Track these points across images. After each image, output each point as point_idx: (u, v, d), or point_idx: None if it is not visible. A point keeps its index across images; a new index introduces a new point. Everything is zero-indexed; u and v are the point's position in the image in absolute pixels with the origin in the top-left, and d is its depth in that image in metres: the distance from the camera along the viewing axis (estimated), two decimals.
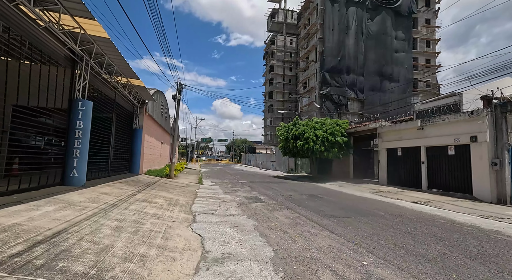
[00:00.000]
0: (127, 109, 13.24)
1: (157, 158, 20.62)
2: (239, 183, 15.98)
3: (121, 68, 9.56)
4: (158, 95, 19.05)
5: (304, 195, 11.38)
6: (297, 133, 19.89)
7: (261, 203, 9.14)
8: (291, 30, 59.63)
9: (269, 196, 10.93)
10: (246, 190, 12.87)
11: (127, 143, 13.42)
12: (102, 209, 5.38)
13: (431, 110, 15.14)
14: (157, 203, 7.22)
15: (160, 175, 16.04)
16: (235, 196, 10.69)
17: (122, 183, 9.65)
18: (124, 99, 12.47)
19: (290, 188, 14.22)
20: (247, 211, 7.61)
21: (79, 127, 7.14)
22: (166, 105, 23.52)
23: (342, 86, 34.04)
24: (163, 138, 23.08)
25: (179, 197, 8.94)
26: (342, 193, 12.57)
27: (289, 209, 8.10)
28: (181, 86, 16.37)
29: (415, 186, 14.17)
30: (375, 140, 17.28)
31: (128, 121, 13.70)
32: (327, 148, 18.75)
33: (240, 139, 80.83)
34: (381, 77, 34.95)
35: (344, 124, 19.93)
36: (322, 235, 5.39)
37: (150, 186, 10.24)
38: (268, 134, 57.41)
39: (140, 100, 14.24)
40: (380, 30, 35.10)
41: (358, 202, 9.84)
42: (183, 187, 12.04)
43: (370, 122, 18.27)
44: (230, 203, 8.86)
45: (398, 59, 35.28)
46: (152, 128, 17.74)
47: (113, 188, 8.05)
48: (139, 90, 12.40)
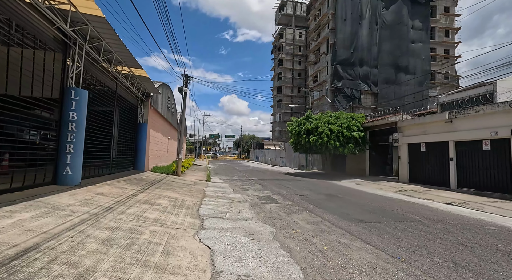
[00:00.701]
0: (130, 102, 12.46)
1: (163, 154, 19.93)
2: (249, 181, 15.10)
3: (122, 56, 8.72)
4: (164, 88, 18.26)
5: (322, 195, 10.40)
6: (309, 128, 18.82)
7: (275, 204, 8.22)
8: (300, 23, 57.97)
9: (284, 195, 10.00)
10: (257, 188, 11.97)
11: (131, 138, 12.68)
12: (93, 214, 4.55)
13: (460, 102, 13.81)
14: (160, 205, 6.37)
15: (167, 172, 15.31)
16: (247, 195, 9.81)
17: (124, 181, 8.87)
18: (126, 91, 11.68)
19: (304, 186, 13.25)
20: (262, 214, 6.70)
21: (72, 119, 6.34)
22: (173, 99, 22.76)
23: (355, 79, 32.57)
24: (170, 133, 22.38)
25: (185, 197, 8.10)
26: (362, 192, 11.52)
27: (309, 212, 7.15)
28: (187, 78, 15.51)
29: (442, 185, 12.97)
30: (395, 135, 16.06)
31: (132, 115, 12.94)
32: (342, 143, 17.63)
33: (248, 135, 79.93)
34: (396, 69, 33.28)
35: (360, 118, 18.73)
36: (356, 246, 4.42)
37: (154, 185, 9.44)
38: (276, 129, 56.29)
39: (145, 93, 13.44)
40: (395, 19, 33.32)
41: (384, 203, 8.80)
42: (190, 186, 11.23)
43: (390, 115, 17.02)
44: (241, 204, 7.97)
45: (414, 50, 33.48)
46: (158, 123, 16.99)
47: (113, 188, 7.26)
48: (142, 81, 11.58)
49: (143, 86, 12.38)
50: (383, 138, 18.14)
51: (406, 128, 15.62)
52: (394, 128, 16.62)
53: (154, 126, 15.95)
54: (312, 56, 45.41)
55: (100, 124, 9.00)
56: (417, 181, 14.58)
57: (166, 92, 19.03)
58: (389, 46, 33.08)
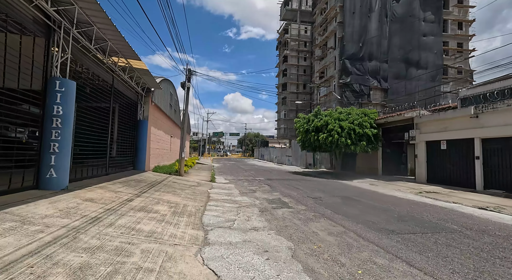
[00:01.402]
0: (129, 98, 11.66)
1: (166, 153, 19.17)
2: (256, 181, 14.24)
3: (117, 45, 7.88)
4: (166, 84, 17.45)
5: (336, 198, 9.48)
6: (319, 125, 17.85)
7: (288, 209, 7.35)
8: (305, 18, 56.69)
9: (295, 198, 9.11)
10: (265, 189, 11.11)
11: (130, 136, 11.89)
12: (73, 228, 3.72)
13: (488, 95, 12.71)
14: (158, 212, 5.54)
15: (169, 171, 14.52)
16: (255, 198, 8.94)
17: (121, 183, 8.07)
18: (125, 85, 10.87)
19: (315, 187, 12.34)
20: (274, 222, 5.83)
21: (57, 114, 5.52)
22: (175, 96, 21.95)
23: (363, 74, 31.40)
24: (172, 131, 21.61)
25: (187, 202, 7.26)
26: (380, 194, 10.58)
27: (327, 219, 6.26)
28: (190, 73, 14.65)
29: (466, 186, 11.94)
30: (412, 132, 15.02)
31: (131, 112, 12.14)
32: (354, 141, 16.64)
33: (253, 133, 79.05)
34: (406, 64, 31.99)
35: (373, 114, 17.70)
36: (399, 270, 3.53)
37: (154, 187, 8.62)
38: (282, 127, 55.29)
39: (145, 88, 12.62)
40: (406, 12, 31.97)
41: (409, 208, 7.85)
42: (193, 187, 10.40)
43: (406, 111, 15.95)
44: (250, 209, 7.11)
45: (426, 43, 32.12)
46: (160, 120, 16.19)
47: (106, 192, 6.44)
48: (141, 75, 10.75)
49: (142, 80, 11.56)
50: (398, 135, 17.09)
51: (424, 124, 14.57)
52: (410, 125, 15.57)
53: (156, 123, 15.16)
54: (318, 51, 44.20)
55: (95, 121, 8.21)
56: (436, 181, 13.56)
57: (168, 88, 18.22)
58: (399, 40, 31.78)
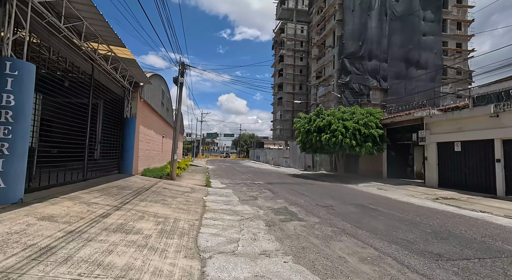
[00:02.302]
0: (114, 92, 10.33)
1: (157, 155, 17.80)
2: (255, 185, 13.04)
3: (95, 26, 6.59)
4: (158, 80, 16.12)
5: (350, 206, 8.37)
6: (321, 125, 16.78)
7: (299, 222, 6.19)
8: (301, 18, 55.92)
9: (303, 207, 7.96)
10: (267, 196, 9.92)
11: (115, 136, 10.56)
12: None
13: (504, 93, 11.82)
14: (140, 232, 4.29)
15: (160, 175, 13.20)
16: (257, 207, 7.75)
17: (99, 192, 6.76)
18: (107, 77, 9.54)
19: (321, 192, 11.22)
20: (288, 242, 4.66)
21: (7, 105, 4.25)
22: (168, 94, 20.60)
23: (363, 73, 30.57)
24: (165, 131, 20.24)
25: (179, 214, 6.02)
26: (395, 201, 9.51)
27: (351, 237, 5.12)
28: (183, 66, 13.38)
29: (485, 191, 11.00)
30: (421, 132, 14.07)
31: (117, 108, 10.81)
32: (359, 142, 15.62)
33: (247, 134, 77.79)
34: (406, 63, 31.32)
35: (378, 114, 16.73)
36: None
37: (140, 195, 7.34)
38: (277, 128, 54.22)
39: (132, 82, 11.30)
40: (406, 10, 31.33)
41: (438, 220, 6.78)
42: (187, 194, 9.14)
43: (415, 110, 15.01)
44: (255, 223, 5.92)
45: (426, 43, 31.53)
46: (150, 119, 14.85)
47: (75, 204, 5.16)
48: (128, 66, 9.45)
49: (129, 73, 10.24)
50: (405, 136, 16.15)
51: (434, 124, 13.63)
52: (418, 125, 14.63)
53: (145, 122, 13.82)
54: (315, 50, 43.36)
55: (69, 117, 6.90)
56: (449, 186, 12.61)
57: (160, 84, 16.90)
58: (399, 38, 31.10)
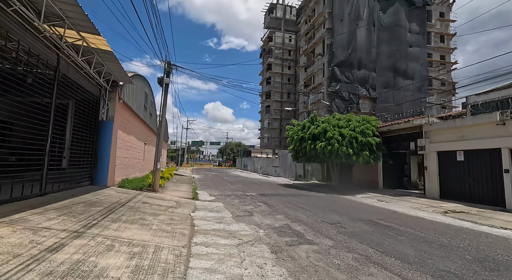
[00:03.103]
0: (86, 90, 8.92)
1: (138, 163, 16.20)
2: (248, 197, 11.82)
3: (59, 3, 5.33)
4: (140, 81, 14.75)
5: (359, 222, 7.36)
6: (316, 132, 15.95)
7: (310, 246, 5.08)
8: (289, 27, 56.33)
9: (308, 224, 6.86)
10: (263, 210, 8.75)
11: (87, 141, 9.08)
12: None
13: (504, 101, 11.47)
14: (104, 275, 3.00)
15: (140, 186, 11.71)
16: (256, 226, 6.57)
17: (56, 211, 5.33)
18: (78, 72, 8.17)
19: (321, 205, 10.19)
20: (304, 278, 3.52)
21: None
22: (151, 97, 19.17)
23: (352, 82, 30.49)
24: (147, 137, 18.67)
25: (162, 239, 4.73)
26: (403, 215, 8.62)
27: (381, 268, 4.05)
28: (169, 66, 12.17)
29: (492, 203, 10.39)
30: (420, 141, 13.51)
31: (90, 109, 9.38)
32: (356, 150, 14.87)
33: (234, 142, 76.38)
34: (394, 73, 31.65)
35: (375, 121, 16.14)
36: None
37: (112, 213, 5.95)
38: (265, 136, 53.36)
39: (110, 80, 9.93)
40: (393, 21, 31.89)
41: (467, 241, 5.89)
42: (171, 209, 7.79)
43: (414, 117, 14.51)
44: (257, 249, 4.74)
45: (413, 54, 32.11)
46: (130, 123, 13.39)
47: (14, 232, 3.78)
48: (104, 60, 8.15)
49: (106, 68, 8.91)
50: (401, 145, 15.60)
51: (434, 132, 13.12)
52: (417, 133, 14.11)
53: (125, 127, 12.36)
54: (303, 59, 43.37)
55: (24, 119, 5.50)
56: (452, 197, 11.98)
57: (143, 86, 15.52)
58: (387, 48, 31.48)
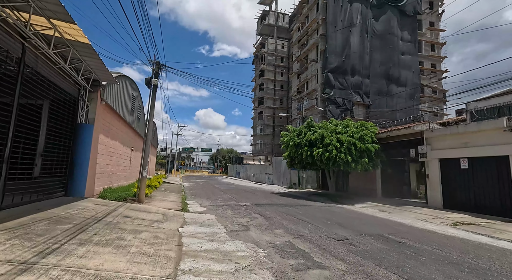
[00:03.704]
0: (61, 89, 7.94)
1: (123, 171, 15.05)
2: (242, 208, 10.90)
3: None
4: (127, 82, 13.79)
5: (369, 237, 6.59)
6: (313, 138, 15.27)
7: (320, 271, 4.27)
8: (282, 34, 56.53)
9: (313, 241, 6.03)
10: (260, 223, 7.87)
11: (61, 146, 8.04)
12: None
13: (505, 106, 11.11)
14: None
15: (124, 196, 10.63)
16: (254, 244, 5.69)
17: (8, 231, 4.33)
18: (52, 68, 7.22)
19: (322, 216, 9.39)
20: None
21: None
22: (140, 101, 18.14)
23: (346, 88, 30.28)
24: (134, 143, 17.56)
25: (140, 268, 3.80)
26: (415, 230, 7.91)
27: None
28: (158, 66, 11.31)
29: (500, 214, 9.85)
30: (421, 148, 13.01)
31: (67, 110, 8.37)
32: (355, 157, 14.24)
33: (226, 149, 75.21)
34: (388, 80, 31.69)
35: (373, 127, 15.62)
36: None
37: (83, 232, 4.96)
38: (257, 143, 52.58)
39: (91, 79, 8.96)
40: (386, 29, 32.13)
41: (498, 262, 5.19)
42: (157, 224, 6.81)
43: (415, 123, 14.04)
44: (257, 276, 3.88)
45: (405, 61, 32.32)
46: (115, 127, 12.35)
47: None
48: (82, 55, 7.23)
49: (85, 65, 7.97)
50: (400, 152, 15.10)
51: (436, 139, 12.65)
52: (417, 140, 13.63)
53: (108, 131, 11.33)
54: (296, 65, 43.26)
55: None
56: (456, 207, 11.42)
57: (129, 88, 14.54)
58: (380, 56, 31.57)
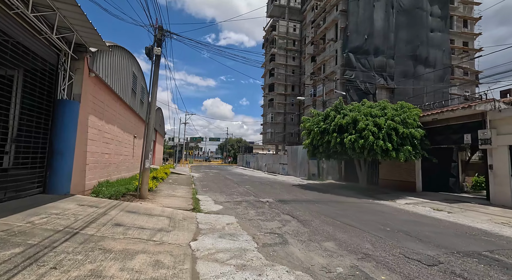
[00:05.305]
0: (31, 52, 5.89)
1: (125, 161, 13.20)
2: (265, 206, 8.87)
3: None
4: (126, 56, 11.68)
5: (469, 259, 4.46)
6: (343, 123, 12.98)
7: None
8: (294, 16, 53.09)
9: (392, 268, 3.92)
10: (297, 231, 5.81)
11: (39, 129, 6.08)
12: None
13: None
14: None
15: (123, 192, 8.75)
16: (306, 273, 3.63)
17: None
18: (11, 18, 5.14)
19: (371, 219, 7.27)
20: None
21: None
22: (142, 81, 16.08)
23: (369, 70, 27.48)
24: (137, 130, 15.63)
25: None
26: (498, 237, 5.71)
27: None
28: (161, 31, 9.12)
29: None
30: (483, 133, 10.60)
31: (42, 83, 6.35)
32: (395, 145, 11.96)
33: (235, 138, 73.35)
34: (414, 61, 28.65)
35: (416, 109, 13.21)
36: None
37: (33, 264, 2.98)
38: (268, 131, 50.34)
39: (72, 42, 6.85)
40: (413, 3, 28.82)
41: None
42: (160, 235, 4.81)
43: (475, 102, 11.54)
44: None
45: (434, 39, 29.10)
46: (111, 109, 10.36)
47: None
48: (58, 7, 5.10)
49: (59, 16, 5.85)
50: (449, 138, 12.69)
51: (504, 122, 10.20)
52: (474, 123, 11.22)
53: (102, 113, 9.33)
54: (309, 48, 40.29)
55: None
56: None
57: (129, 64, 12.45)
58: (406, 34, 28.43)
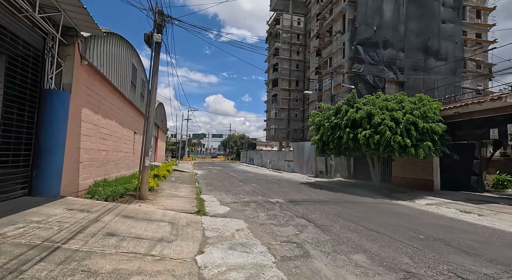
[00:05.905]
0: (12, 35, 5.09)
1: (125, 158, 12.46)
2: (276, 207, 8.09)
3: None
4: (124, 45, 10.85)
5: None
6: (357, 117, 12.12)
7: None
8: (298, 10, 51.83)
9: None
10: (317, 239, 5.03)
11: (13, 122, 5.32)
12: None
13: None
14: None
15: (121, 192, 8.01)
16: None
17: None
18: None
19: (398, 224, 6.47)
20: None
21: None
22: (143, 74, 15.27)
23: (377, 63, 26.46)
24: (138, 125, 14.87)
25: None
26: None
27: None
28: (161, 15, 8.28)
29: None
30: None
31: (27, 71, 5.57)
32: (414, 141, 11.10)
33: (237, 135, 72.57)
34: (425, 53, 27.57)
35: (436, 103, 12.30)
36: None
37: None
38: (272, 127, 49.47)
39: (60, 24, 6.03)
40: None
41: None
42: (159, 247, 4.03)
43: (504, 93, 10.62)
44: None
45: (446, 31, 27.93)
46: (108, 101, 9.58)
47: None
48: None
49: None
50: (472, 133, 11.79)
51: None
52: (502, 117, 10.31)
53: (98, 105, 8.55)
54: (315, 42, 39.24)
55: None
56: None
57: (129, 55, 11.64)
58: (417, 25, 27.30)
